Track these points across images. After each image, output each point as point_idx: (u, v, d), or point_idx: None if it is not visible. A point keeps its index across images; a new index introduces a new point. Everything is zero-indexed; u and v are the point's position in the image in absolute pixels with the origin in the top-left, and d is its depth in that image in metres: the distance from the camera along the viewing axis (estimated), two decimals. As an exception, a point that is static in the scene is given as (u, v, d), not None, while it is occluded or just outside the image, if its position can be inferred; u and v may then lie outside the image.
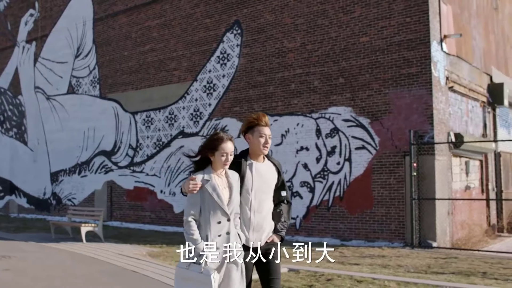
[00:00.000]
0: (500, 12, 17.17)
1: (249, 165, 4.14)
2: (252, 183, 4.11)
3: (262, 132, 4.14)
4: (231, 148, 3.95)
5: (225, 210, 3.88)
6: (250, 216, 4.08)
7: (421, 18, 11.78)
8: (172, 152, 16.13)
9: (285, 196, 4.30)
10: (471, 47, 14.28)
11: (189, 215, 3.87)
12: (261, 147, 4.13)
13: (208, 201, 3.87)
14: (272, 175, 4.22)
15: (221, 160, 3.92)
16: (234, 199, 3.94)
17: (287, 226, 4.27)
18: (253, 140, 4.16)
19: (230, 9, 15.00)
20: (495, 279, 7.82)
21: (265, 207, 4.15)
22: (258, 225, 4.10)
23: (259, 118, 4.20)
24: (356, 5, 12.67)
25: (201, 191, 3.88)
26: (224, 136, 3.98)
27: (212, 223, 3.86)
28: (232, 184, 3.98)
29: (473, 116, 14.27)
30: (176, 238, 13.17)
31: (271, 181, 4.20)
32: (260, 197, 4.12)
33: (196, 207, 3.88)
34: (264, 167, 4.20)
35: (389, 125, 12.01)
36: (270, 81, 13.98)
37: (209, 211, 3.87)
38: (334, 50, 12.92)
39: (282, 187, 4.28)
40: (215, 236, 3.84)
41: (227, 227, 3.88)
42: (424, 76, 11.63)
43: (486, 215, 14.48)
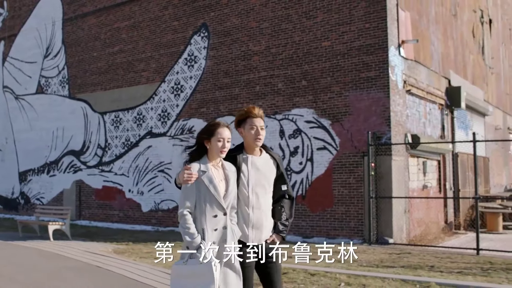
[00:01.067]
0: (459, 18, 17.83)
1: (244, 159, 3.97)
2: (248, 178, 3.93)
3: (253, 124, 3.95)
4: (228, 135, 3.80)
5: (222, 204, 3.72)
6: (249, 212, 3.90)
7: (379, 24, 12.29)
8: (140, 152, 16.38)
9: (285, 190, 4.08)
10: (430, 52, 14.86)
11: (184, 207, 3.71)
12: (254, 139, 3.94)
13: (204, 193, 3.70)
14: (270, 169, 4.03)
15: (217, 147, 3.76)
16: (231, 192, 3.78)
17: (289, 224, 4.08)
18: (245, 133, 3.98)
19: (198, 12, 15.33)
20: (441, 272, 8.33)
21: (264, 203, 3.96)
22: (257, 222, 3.92)
23: (249, 109, 4.03)
24: (319, 11, 13.12)
25: (197, 183, 3.70)
26: (221, 122, 3.87)
27: (208, 217, 3.70)
28: (229, 176, 3.82)
29: (431, 118, 14.85)
30: (143, 236, 13.47)
31: (269, 175, 4.01)
32: (258, 192, 3.94)
33: (191, 199, 3.70)
34: (261, 160, 4.02)
35: (349, 126, 12.49)
36: (235, 83, 14.36)
37: (205, 204, 3.70)
38: (297, 54, 13.35)
39: (282, 181, 4.07)
40: (211, 230, 3.68)
41: (223, 221, 3.73)
42: (382, 79, 12.14)
43: (443, 213, 15.09)
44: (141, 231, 14.98)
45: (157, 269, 8.27)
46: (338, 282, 7.19)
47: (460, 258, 9.91)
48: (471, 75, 18.82)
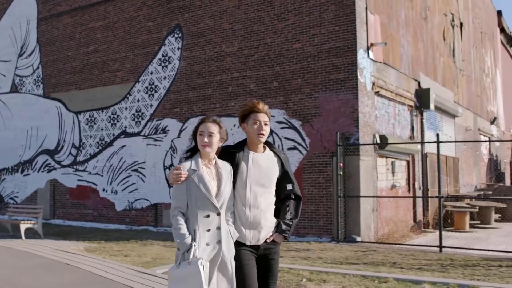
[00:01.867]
0: (429, 22, 18.23)
1: (245, 156, 3.81)
2: (247, 175, 3.76)
3: (257, 118, 3.80)
4: (208, 128, 3.67)
5: (214, 203, 3.58)
6: (246, 211, 3.74)
7: (348, 27, 12.58)
8: (114, 151, 16.48)
9: (291, 190, 3.89)
10: (399, 55, 15.20)
11: (175, 208, 3.60)
12: (256, 134, 3.79)
13: (195, 193, 3.57)
14: (272, 167, 3.85)
15: (199, 141, 3.67)
16: (223, 191, 3.63)
17: (294, 225, 3.89)
18: (248, 129, 3.84)
19: (172, 13, 15.48)
20: (401, 268, 8.62)
21: (263, 202, 3.78)
22: (254, 222, 3.74)
23: (254, 104, 3.88)
24: (290, 13, 13.37)
25: (187, 182, 3.59)
26: (205, 118, 3.78)
27: (200, 217, 3.57)
28: (221, 174, 3.67)
29: (401, 119, 15.19)
30: (115, 235, 13.59)
31: (271, 174, 3.83)
32: (257, 191, 3.77)
33: (181, 199, 3.59)
34: (264, 157, 3.86)
35: (318, 127, 12.75)
36: (209, 83, 14.55)
37: (196, 204, 3.57)
38: (269, 55, 13.59)
39: (287, 180, 3.89)
40: (203, 231, 3.55)
41: (216, 221, 3.59)
42: (351, 81, 12.43)
43: (412, 212, 15.44)
44: (115, 230, 15.09)
45: (125, 266, 8.43)
46: (300, 278, 7.43)
47: (423, 256, 10.23)
48: (442, 77, 19.23)
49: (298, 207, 3.93)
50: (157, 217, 15.34)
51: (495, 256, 10.13)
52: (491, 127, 27.75)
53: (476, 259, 9.71)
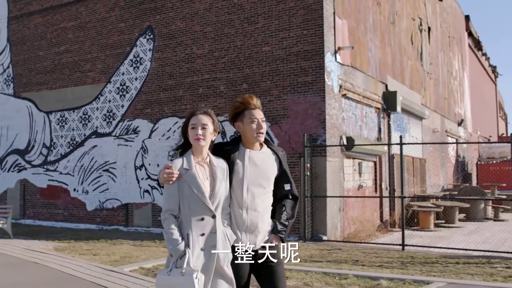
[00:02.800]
0: (397, 26, 18.67)
1: (240, 154, 3.54)
2: (243, 175, 3.50)
3: (253, 116, 3.55)
4: (202, 120, 3.41)
5: (208, 205, 3.31)
6: (242, 214, 3.47)
7: (316, 31, 12.88)
8: (85, 151, 16.52)
9: (289, 190, 3.64)
10: (367, 58, 15.57)
11: (166, 210, 3.34)
12: (255, 134, 3.53)
13: (188, 194, 3.31)
14: (270, 165, 3.60)
15: (191, 135, 3.40)
16: (218, 191, 3.36)
17: (290, 225, 3.62)
18: (243, 128, 3.57)
19: (144, 15, 15.62)
20: (363, 265, 8.94)
21: (261, 204, 3.52)
22: (252, 225, 3.48)
23: (246, 100, 3.61)
24: (260, 17, 13.62)
25: (180, 182, 3.32)
26: (197, 110, 3.51)
27: (194, 220, 3.30)
28: (216, 173, 3.40)
29: (368, 121, 15.57)
30: (86, 234, 13.69)
31: (269, 173, 3.58)
32: (255, 192, 3.50)
33: (173, 201, 3.33)
34: (261, 155, 3.59)
35: (287, 128, 13.04)
36: (179, 85, 14.73)
37: (189, 205, 3.30)
38: (239, 58, 13.82)
39: (285, 180, 3.64)
40: (197, 235, 3.28)
41: (211, 224, 3.32)
42: (319, 84, 12.74)
43: (379, 212, 15.84)
44: (85, 230, 15.16)
45: (93, 264, 8.58)
46: (264, 275, 7.67)
47: (385, 254, 10.58)
48: (409, 80, 19.70)
49: (294, 207, 3.66)
50: (128, 217, 15.45)
51: (454, 254, 10.53)
52: (459, 129, 28.41)
53: (435, 257, 10.08)
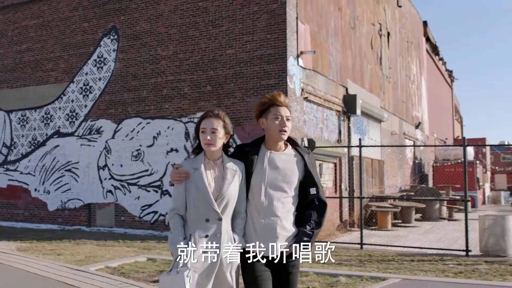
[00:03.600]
0: (358, 31, 19.17)
1: (260, 155, 3.41)
2: (262, 177, 3.35)
3: (278, 113, 3.39)
4: (211, 124, 3.31)
5: (213, 207, 3.22)
6: (260, 218, 3.33)
7: (279, 36, 13.19)
8: (47, 151, 16.43)
9: (314, 195, 3.42)
10: (328, 62, 15.98)
11: (172, 210, 3.34)
12: (278, 131, 3.37)
13: (194, 194, 3.26)
14: (292, 167, 3.42)
15: (202, 140, 3.33)
16: (225, 193, 3.25)
17: (315, 235, 3.39)
18: (267, 125, 3.44)
19: (108, 15, 15.64)
20: (323, 263, 9.26)
21: (280, 208, 3.34)
22: (269, 231, 3.31)
23: (273, 97, 3.45)
24: (224, 20, 13.85)
25: (187, 182, 3.29)
26: (208, 113, 3.41)
27: (198, 221, 3.24)
28: (227, 175, 3.30)
29: (329, 123, 15.98)
30: (47, 235, 13.65)
31: (291, 175, 3.39)
32: (274, 195, 3.34)
33: (179, 200, 3.31)
34: (284, 157, 3.43)
35: (250, 130, 13.30)
36: (143, 85, 14.82)
37: (194, 206, 3.26)
38: (203, 60, 14.02)
39: (311, 183, 3.43)
40: (200, 237, 3.21)
41: (217, 227, 3.23)
42: (281, 87, 13.04)
43: (339, 212, 16.26)
44: (47, 230, 15.09)
45: (58, 264, 8.65)
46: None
47: (344, 252, 10.95)
48: (369, 84, 20.23)
49: (322, 214, 3.44)
50: (90, 217, 15.44)
51: (410, 252, 10.99)
52: (416, 132, 29.21)
53: (392, 255, 10.51)
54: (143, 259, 9.04)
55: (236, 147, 3.58)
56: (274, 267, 3.33)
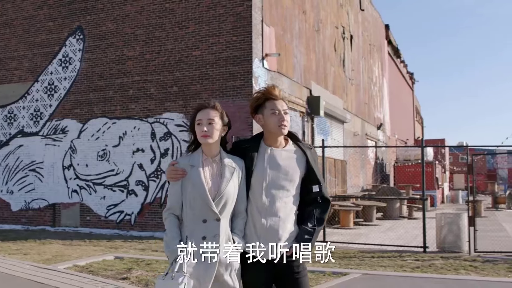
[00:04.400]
0: (321, 34, 19.58)
1: (260, 152, 3.23)
2: (263, 175, 3.17)
3: (275, 107, 3.21)
4: (208, 115, 3.10)
5: (210, 206, 3.02)
6: (261, 219, 3.14)
7: (245, 38, 13.45)
8: (10, 150, 16.29)
9: (317, 193, 3.25)
10: (292, 64, 16.31)
11: (166, 209, 3.14)
12: (277, 126, 3.19)
13: (190, 192, 3.06)
14: (294, 164, 3.23)
15: (198, 132, 3.10)
16: (223, 192, 3.05)
17: (317, 232, 3.23)
18: (265, 120, 3.23)
19: (74, 15, 15.63)
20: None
21: (283, 208, 3.17)
22: (271, 232, 3.13)
23: (268, 91, 3.26)
24: (191, 22, 14.03)
25: (184, 180, 3.09)
26: (204, 104, 3.21)
27: (195, 222, 3.05)
28: (225, 173, 3.11)
29: (293, 124, 16.30)
30: (12, 235, 13.58)
31: (292, 173, 3.21)
32: (275, 194, 3.16)
33: (174, 199, 3.10)
34: (285, 153, 3.25)
35: (216, 131, 13.50)
36: (109, 86, 14.88)
37: (190, 205, 3.05)
38: (169, 61, 14.17)
39: (314, 180, 3.25)
40: (198, 239, 3.01)
41: (215, 228, 3.03)
42: (247, 89, 13.30)
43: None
44: (10, 230, 14.98)
45: (26, 263, 8.71)
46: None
47: (308, 250, 11.25)
48: (332, 85, 20.67)
49: (324, 212, 3.27)
50: (55, 216, 15.40)
51: (371, 249, 11.39)
52: (378, 133, 29.88)
53: (353, 252, 10.88)
54: (111, 258, 9.16)
55: (234, 143, 3.37)
56: (277, 269, 3.15)
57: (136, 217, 14.28)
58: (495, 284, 7.50)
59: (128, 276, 7.27)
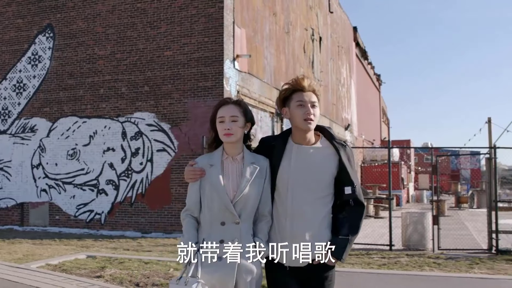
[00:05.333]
0: (291, 36, 19.84)
1: (287, 150, 2.96)
2: (288, 175, 2.91)
3: (302, 99, 2.92)
4: (231, 112, 2.91)
5: (229, 208, 2.84)
6: (286, 222, 2.89)
7: (217, 39, 13.59)
8: (-23, 149, 16.08)
9: (350, 195, 2.94)
10: (263, 65, 16.52)
11: (184, 210, 2.99)
12: (302, 120, 2.90)
13: (208, 193, 2.88)
14: (324, 163, 2.94)
15: (220, 130, 2.91)
16: (245, 193, 2.85)
17: (351, 242, 2.92)
18: (291, 113, 2.96)
19: (43, 12, 15.52)
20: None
21: (309, 211, 2.89)
22: (296, 237, 2.87)
23: (296, 82, 2.98)
24: (162, 22, 14.11)
25: (202, 180, 2.92)
26: (226, 99, 3.01)
27: (213, 224, 2.87)
28: (246, 172, 2.89)
29: (263, 124, 16.52)
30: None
31: (322, 172, 2.93)
32: (302, 196, 2.89)
33: (193, 200, 2.94)
34: (314, 151, 2.95)
35: (186, 130, 13.63)
36: (80, 84, 14.84)
37: (208, 207, 2.88)
38: (141, 61, 14.22)
39: (346, 181, 2.94)
40: (215, 242, 2.83)
41: (234, 231, 2.84)
42: (218, 89, 13.46)
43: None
44: (-23, 230, 14.83)
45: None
46: (168, 268, 8.24)
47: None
48: (301, 86, 20.92)
49: (358, 218, 2.97)
50: (23, 216, 15.27)
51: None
52: (346, 133, 30.34)
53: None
54: (83, 257, 9.21)
55: (261, 141, 3.13)
56: (303, 276, 2.92)
57: (106, 216, 14.28)
58: (456, 280, 7.84)
59: (102, 275, 7.36)
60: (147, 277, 7.26)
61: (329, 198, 2.95)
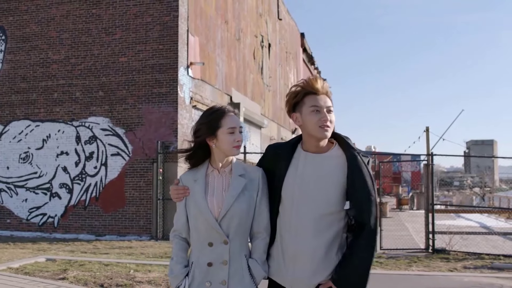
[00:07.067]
0: (242, 42, 20.39)
1: (294, 158, 2.65)
2: (293, 186, 2.60)
3: (316, 104, 2.57)
4: (239, 123, 2.66)
5: (214, 227, 2.57)
6: (288, 239, 2.59)
7: (171, 47, 13.99)
8: None
9: (350, 211, 2.54)
10: (215, 72, 17.00)
11: (172, 231, 2.79)
12: (317, 127, 2.55)
13: (193, 212, 2.64)
14: (333, 173, 2.58)
15: (230, 141, 2.61)
16: (231, 210, 2.57)
17: (355, 274, 2.52)
18: (303, 120, 2.61)
19: (-5, 15, 15.49)
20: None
21: (315, 228, 2.55)
22: (298, 255, 2.56)
23: (309, 83, 2.60)
24: (118, 28, 14.38)
25: (188, 198, 2.69)
26: (228, 109, 2.69)
27: (201, 246, 2.62)
28: (233, 185, 2.62)
29: (214, 129, 16.96)
30: None
31: (329, 183, 2.57)
32: (306, 211, 2.56)
33: (180, 221, 2.71)
34: (323, 160, 2.61)
35: (141, 135, 13.95)
36: (33, 88, 14.90)
37: (195, 227, 2.63)
38: (96, 66, 14.44)
39: (350, 195, 2.53)
40: (203, 264, 2.59)
41: (223, 252, 2.57)
42: (172, 96, 13.85)
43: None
44: None
45: (-43, 265, 8.83)
46: (128, 270, 8.61)
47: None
48: (251, 92, 21.54)
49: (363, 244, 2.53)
50: (-27, 219, 15.17)
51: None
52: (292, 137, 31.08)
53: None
54: (43, 260, 9.43)
55: (267, 148, 2.84)
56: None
57: (59, 219, 14.41)
58: (397, 276, 8.58)
59: (65, 276, 7.66)
60: (110, 278, 7.62)
61: (339, 216, 2.57)
